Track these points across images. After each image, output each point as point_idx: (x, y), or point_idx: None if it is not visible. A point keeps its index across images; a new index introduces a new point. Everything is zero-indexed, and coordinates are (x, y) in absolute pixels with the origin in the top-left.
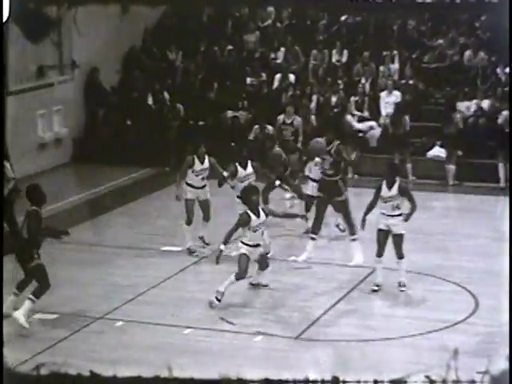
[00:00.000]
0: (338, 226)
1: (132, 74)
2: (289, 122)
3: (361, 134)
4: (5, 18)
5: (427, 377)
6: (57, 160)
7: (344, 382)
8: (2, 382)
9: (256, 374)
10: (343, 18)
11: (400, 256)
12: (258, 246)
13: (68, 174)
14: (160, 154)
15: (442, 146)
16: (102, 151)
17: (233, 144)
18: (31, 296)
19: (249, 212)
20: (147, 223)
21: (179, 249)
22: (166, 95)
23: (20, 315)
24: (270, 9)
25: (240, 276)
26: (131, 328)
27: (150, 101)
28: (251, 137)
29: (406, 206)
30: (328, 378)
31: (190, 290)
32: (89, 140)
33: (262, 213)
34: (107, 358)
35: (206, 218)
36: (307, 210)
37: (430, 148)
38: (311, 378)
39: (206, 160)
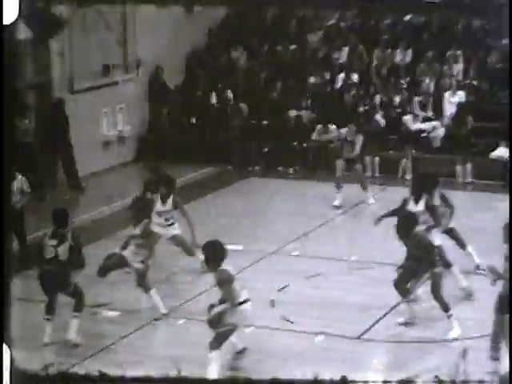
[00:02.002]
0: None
1: (196, 73)
2: (350, 139)
3: (424, 135)
4: (14, 18)
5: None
6: (120, 158)
7: (352, 381)
8: (1, 382)
9: (317, 373)
10: (407, 17)
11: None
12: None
13: (131, 172)
14: (223, 152)
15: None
16: (166, 149)
17: (295, 144)
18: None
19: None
20: (209, 222)
21: (241, 248)
22: (230, 94)
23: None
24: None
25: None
26: (193, 326)
27: (214, 100)
28: (314, 137)
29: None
30: (342, 378)
31: (250, 288)
32: (152, 138)
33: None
34: (169, 355)
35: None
36: None
37: (494, 148)
38: (320, 378)
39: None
